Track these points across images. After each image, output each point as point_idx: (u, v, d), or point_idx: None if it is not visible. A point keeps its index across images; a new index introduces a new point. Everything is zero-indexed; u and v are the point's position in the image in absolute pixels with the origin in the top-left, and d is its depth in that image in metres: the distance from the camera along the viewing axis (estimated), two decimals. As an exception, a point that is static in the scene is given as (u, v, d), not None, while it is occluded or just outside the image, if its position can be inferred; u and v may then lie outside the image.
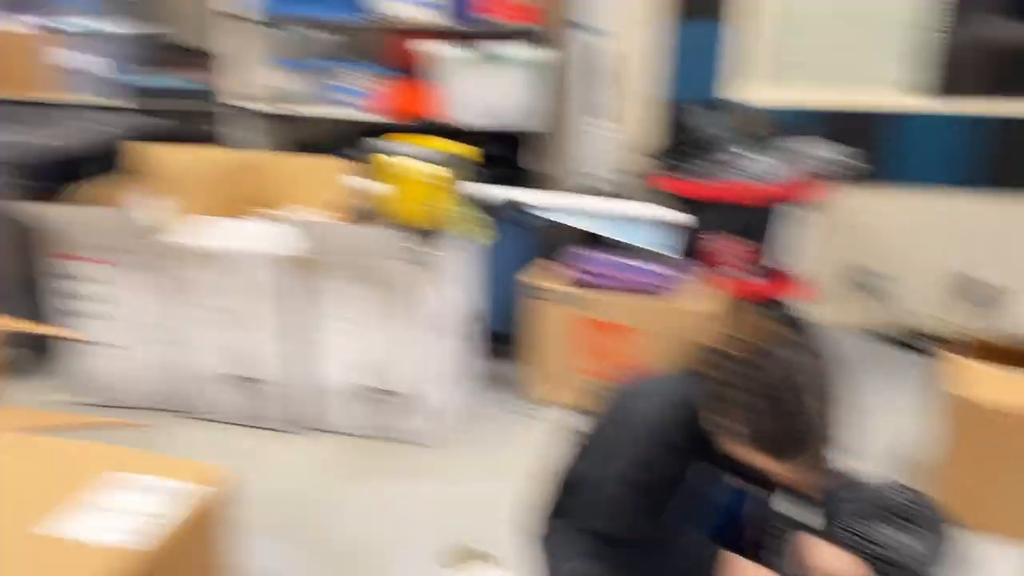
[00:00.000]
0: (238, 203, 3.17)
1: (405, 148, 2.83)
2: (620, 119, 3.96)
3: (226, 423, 3.06)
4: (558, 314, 3.15)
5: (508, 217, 3.24)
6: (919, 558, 2.21)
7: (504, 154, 3.82)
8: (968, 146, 3.80)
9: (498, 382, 3.44)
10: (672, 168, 3.51)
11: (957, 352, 2.71)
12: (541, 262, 3.39)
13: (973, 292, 3.92)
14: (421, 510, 2.60)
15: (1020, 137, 3.75)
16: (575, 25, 3.48)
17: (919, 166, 3.86)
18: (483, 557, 2.35)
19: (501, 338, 3.59)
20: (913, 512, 2.43)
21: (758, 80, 3.92)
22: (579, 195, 3.68)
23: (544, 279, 3.24)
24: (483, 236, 3.11)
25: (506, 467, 2.87)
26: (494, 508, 2.61)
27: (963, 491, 2.50)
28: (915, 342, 3.86)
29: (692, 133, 3.54)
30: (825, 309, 4.08)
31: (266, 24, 3.65)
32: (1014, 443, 2.41)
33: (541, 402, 3.24)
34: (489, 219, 3.13)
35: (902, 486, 2.51)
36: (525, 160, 3.63)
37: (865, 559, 2.21)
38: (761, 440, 1.38)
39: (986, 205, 3.86)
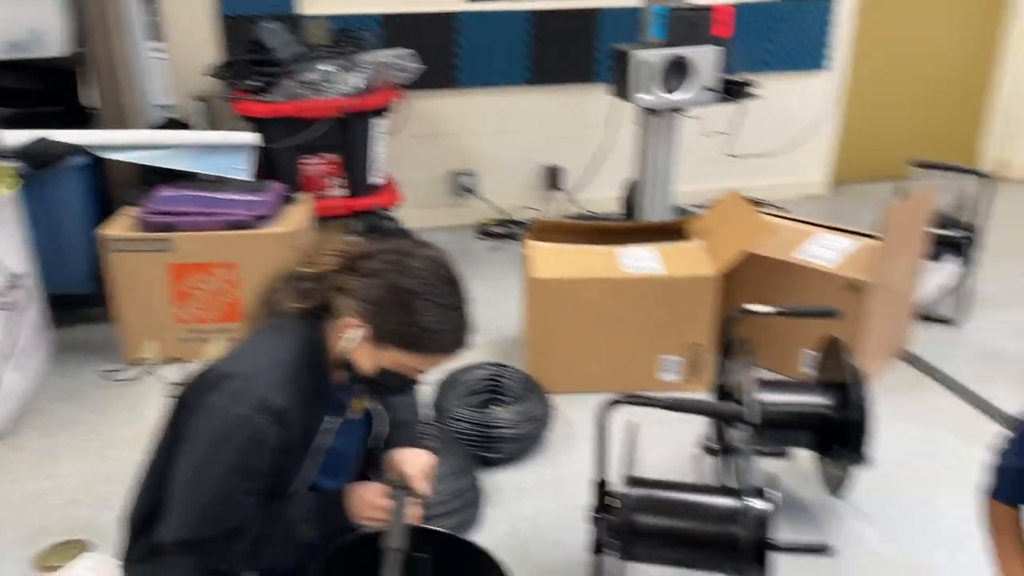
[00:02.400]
0: None
1: None
2: (176, 39, 3.62)
3: None
4: (144, 263, 2.85)
5: (50, 162, 2.82)
6: (513, 426, 2.44)
7: (41, 88, 3.31)
8: (519, 44, 4.10)
9: (83, 349, 3.06)
10: (240, 88, 3.31)
11: (534, 236, 2.96)
12: (119, 209, 3.03)
13: (547, 178, 4.33)
14: (7, 510, 2.25)
15: (553, 31, 4.12)
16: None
17: (482, 68, 4.09)
18: (78, 548, 2.10)
19: (83, 300, 3.19)
20: (507, 387, 2.66)
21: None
22: (143, 129, 3.33)
23: (121, 227, 2.90)
24: (5, 186, 2.65)
25: (99, 442, 2.60)
26: (83, 490, 2.36)
27: (545, 358, 2.79)
28: (506, 231, 4.18)
29: (258, 49, 3.35)
30: (422, 213, 4.24)
31: None
32: (575, 308, 2.72)
33: (139, 362, 2.95)
34: (13, 166, 2.68)
35: (497, 364, 2.74)
36: (70, 96, 3.17)
37: (468, 439, 2.39)
38: (395, 336, 1.36)
39: (543, 98, 4.23)
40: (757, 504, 1.70)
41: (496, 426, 2.43)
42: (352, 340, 1.38)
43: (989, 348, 3.10)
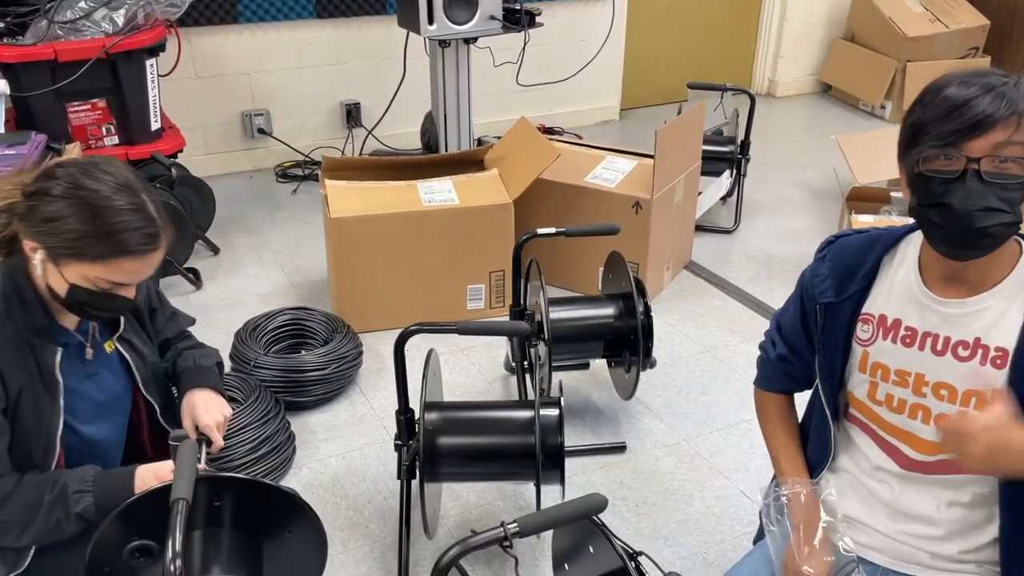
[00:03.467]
0: None
1: None
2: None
3: None
4: None
5: None
6: (321, 367, 2.43)
7: None
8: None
9: None
10: (-16, 31, 2.97)
11: (329, 175, 2.90)
12: None
13: (346, 115, 4.23)
14: None
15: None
16: None
17: (264, 1, 3.90)
18: None
19: None
20: (312, 330, 2.64)
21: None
22: None
23: None
24: None
25: None
26: None
27: (353, 297, 2.78)
28: (306, 172, 4.07)
29: (0, -14, 3.00)
30: (215, 159, 4.04)
31: None
32: (378, 245, 2.72)
33: None
34: None
35: (300, 308, 2.70)
36: None
37: (275, 385, 2.36)
38: (66, 250, 1.31)
39: (334, 31, 4.10)
40: (548, 412, 1.81)
41: (303, 370, 2.41)
42: (39, 266, 1.35)
43: (760, 252, 3.42)
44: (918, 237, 1.26)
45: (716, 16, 5.16)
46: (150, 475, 1.44)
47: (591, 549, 1.39)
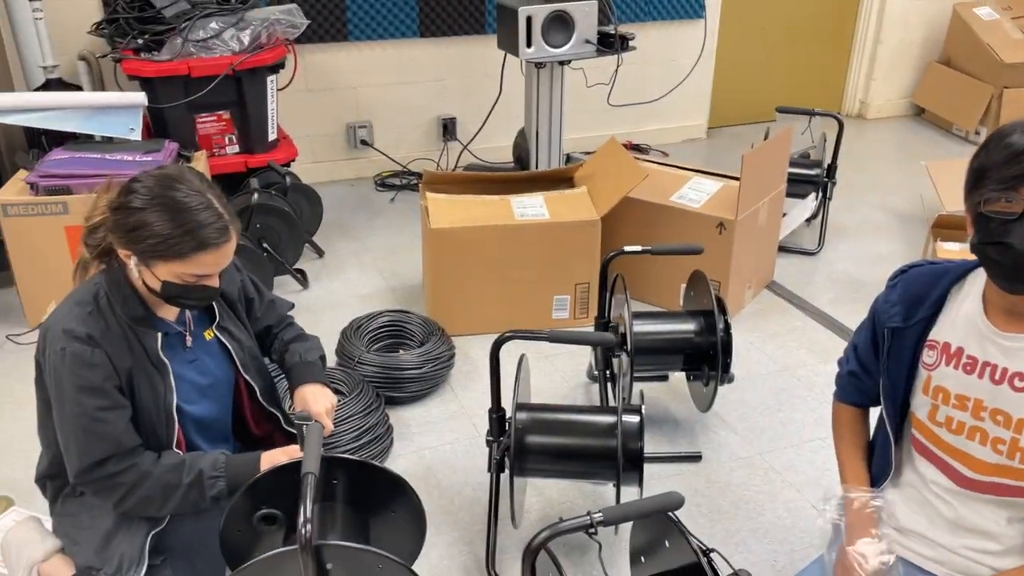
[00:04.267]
0: None
1: None
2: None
3: None
4: (41, 227, 2.86)
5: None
6: (417, 366, 2.63)
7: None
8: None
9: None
10: (127, 47, 3.29)
11: (429, 187, 3.11)
12: (9, 174, 3.00)
13: (442, 129, 4.45)
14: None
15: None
16: None
17: (372, 21, 4.15)
18: (3, 504, 2.19)
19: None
20: (409, 332, 2.84)
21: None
22: (27, 92, 3.27)
23: (14, 192, 2.89)
24: None
25: (13, 403, 2.65)
26: (1, 451, 2.43)
27: (446, 303, 2.97)
28: (404, 182, 4.31)
29: (143, 6, 3.32)
30: (321, 167, 4.32)
31: None
32: (472, 255, 2.90)
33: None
34: None
35: (399, 311, 2.91)
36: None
37: (376, 381, 2.57)
38: (152, 252, 1.51)
39: (435, 50, 4.33)
40: (630, 418, 1.95)
41: (401, 368, 2.61)
42: (134, 269, 1.56)
43: (843, 275, 3.47)
44: (984, 272, 1.36)
45: (808, 37, 5.19)
46: (268, 461, 1.65)
47: (667, 544, 1.52)
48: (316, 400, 1.76)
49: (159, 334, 1.63)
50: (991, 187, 1.22)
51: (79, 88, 3.58)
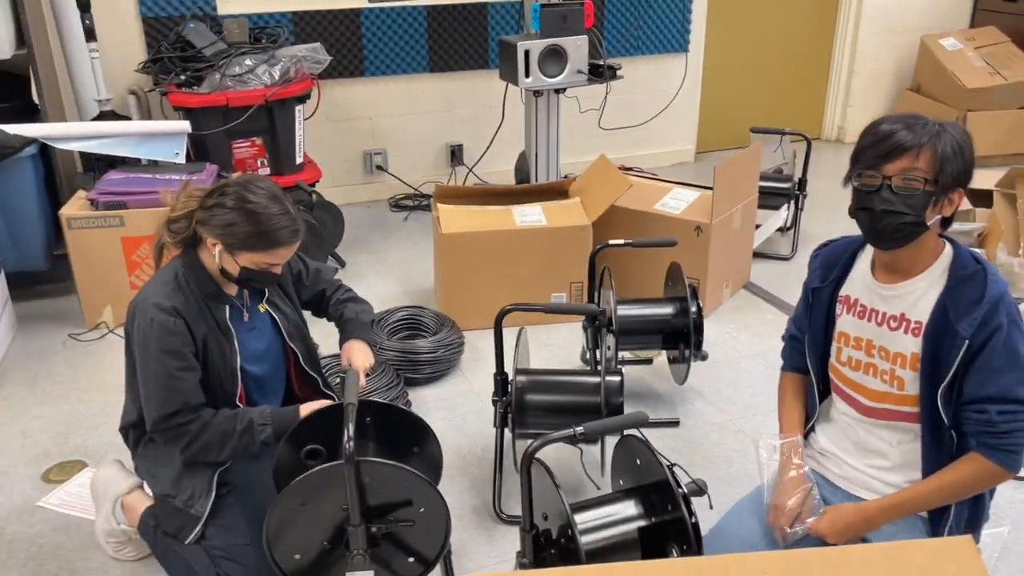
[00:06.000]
0: None
1: None
2: (105, 39, 3.99)
3: None
4: (100, 238, 3.26)
5: (6, 153, 3.20)
6: (432, 351, 2.99)
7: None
8: (417, 36, 4.63)
9: (45, 320, 3.46)
10: (170, 82, 3.72)
11: (440, 200, 3.51)
12: (69, 193, 3.41)
13: (450, 155, 4.87)
14: (8, 443, 2.68)
15: (447, 24, 4.67)
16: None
17: (386, 58, 4.60)
18: (78, 465, 2.55)
19: (37, 277, 3.57)
20: (424, 323, 3.21)
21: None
22: (84, 121, 3.70)
23: (77, 208, 3.30)
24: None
25: (78, 388, 3.02)
26: (72, 424, 2.80)
27: (456, 300, 3.35)
28: (415, 203, 4.72)
29: (185, 46, 3.76)
30: (340, 190, 4.73)
31: None
32: (479, 256, 3.29)
33: (100, 326, 3.37)
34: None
35: (414, 306, 3.28)
36: (19, 93, 3.52)
37: (396, 364, 2.94)
38: (241, 244, 1.88)
39: (443, 83, 4.77)
40: (612, 378, 2.31)
41: (418, 352, 2.98)
42: (217, 255, 1.93)
43: (814, 276, 3.83)
44: None
45: (789, 67, 5.63)
46: (307, 411, 2.01)
47: (639, 462, 1.87)
48: (359, 355, 2.13)
49: (226, 306, 2.01)
50: (861, 165, 1.60)
51: (129, 118, 4.02)
